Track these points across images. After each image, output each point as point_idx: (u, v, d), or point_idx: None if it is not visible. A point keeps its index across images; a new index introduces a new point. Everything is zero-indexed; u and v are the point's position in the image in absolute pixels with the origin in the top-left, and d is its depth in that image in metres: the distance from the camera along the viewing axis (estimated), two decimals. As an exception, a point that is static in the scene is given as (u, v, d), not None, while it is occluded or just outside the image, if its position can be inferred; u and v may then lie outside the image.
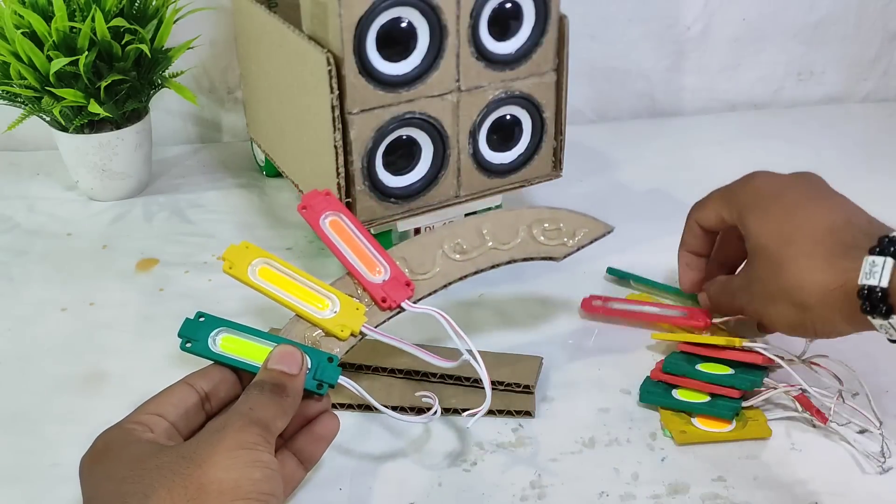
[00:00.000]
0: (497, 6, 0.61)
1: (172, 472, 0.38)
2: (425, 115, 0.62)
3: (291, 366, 0.45)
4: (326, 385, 0.47)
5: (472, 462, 0.51)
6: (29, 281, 0.70)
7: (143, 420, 0.42)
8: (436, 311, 0.51)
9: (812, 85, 1.02)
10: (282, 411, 0.43)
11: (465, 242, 0.56)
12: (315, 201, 0.55)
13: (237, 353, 0.48)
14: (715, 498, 0.48)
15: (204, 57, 0.90)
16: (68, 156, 0.80)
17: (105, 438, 0.42)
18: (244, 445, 0.39)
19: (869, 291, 0.45)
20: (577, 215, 0.58)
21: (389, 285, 0.53)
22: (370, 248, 0.54)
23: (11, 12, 0.72)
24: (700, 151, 0.91)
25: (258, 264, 0.52)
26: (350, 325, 0.51)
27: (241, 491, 0.38)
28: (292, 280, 0.52)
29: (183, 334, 0.48)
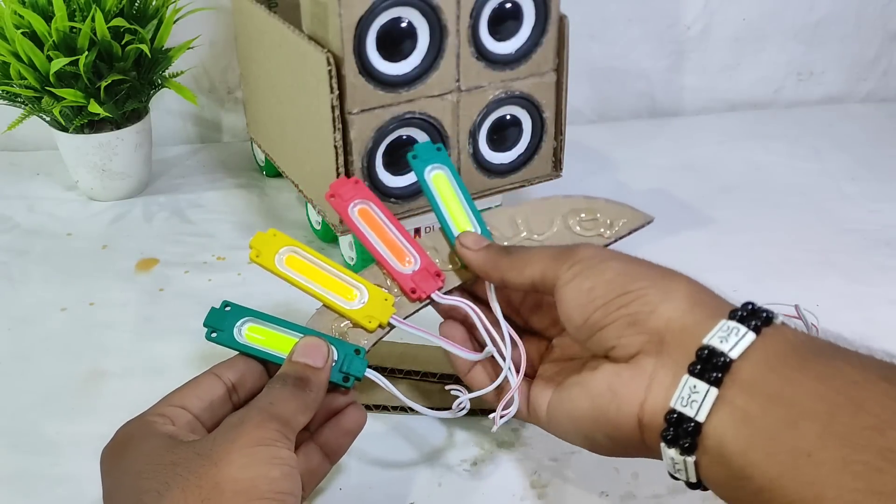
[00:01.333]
0: (497, 6, 0.61)
1: (188, 470, 0.37)
2: (425, 115, 0.62)
3: (316, 359, 0.44)
4: (353, 378, 0.46)
5: (472, 462, 0.51)
6: (29, 281, 0.70)
7: (165, 412, 0.42)
8: (465, 302, 0.50)
9: (812, 85, 1.02)
10: (304, 406, 0.42)
11: (498, 232, 0.54)
12: (343, 189, 0.53)
13: (263, 343, 0.47)
14: (715, 498, 0.48)
15: (204, 57, 0.90)
16: (68, 156, 0.80)
17: (126, 430, 0.41)
18: (262, 442, 0.38)
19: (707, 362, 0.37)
20: (614, 205, 0.55)
21: (419, 276, 0.51)
22: (400, 237, 0.53)
23: (11, 12, 0.72)
24: (700, 151, 0.91)
25: (285, 253, 0.50)
26: (378, 317, 0.49)
27: (258, 491, 0.37)
28: (320, 269, 0.51)
29: (208, 324, 0.47)
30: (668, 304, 0.39)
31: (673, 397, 0.37)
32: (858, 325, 0.61)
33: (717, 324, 0.38)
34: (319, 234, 0.73)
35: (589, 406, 0.41)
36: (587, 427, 0.42)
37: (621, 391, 0.40)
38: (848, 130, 0.96)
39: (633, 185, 0.83)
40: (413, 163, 0.54)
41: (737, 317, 0.38)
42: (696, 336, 0.38)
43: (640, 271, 0.42)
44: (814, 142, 0.92)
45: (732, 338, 0.37)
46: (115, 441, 0.41)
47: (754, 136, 0.94)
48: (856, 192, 0.82)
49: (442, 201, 0.54)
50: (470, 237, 0.51)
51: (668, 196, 0.80)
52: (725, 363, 0.36)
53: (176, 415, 0.42)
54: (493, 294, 0.50)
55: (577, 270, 0.43)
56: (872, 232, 0.74)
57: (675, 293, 0.40)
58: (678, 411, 0.37)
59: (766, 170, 0.86)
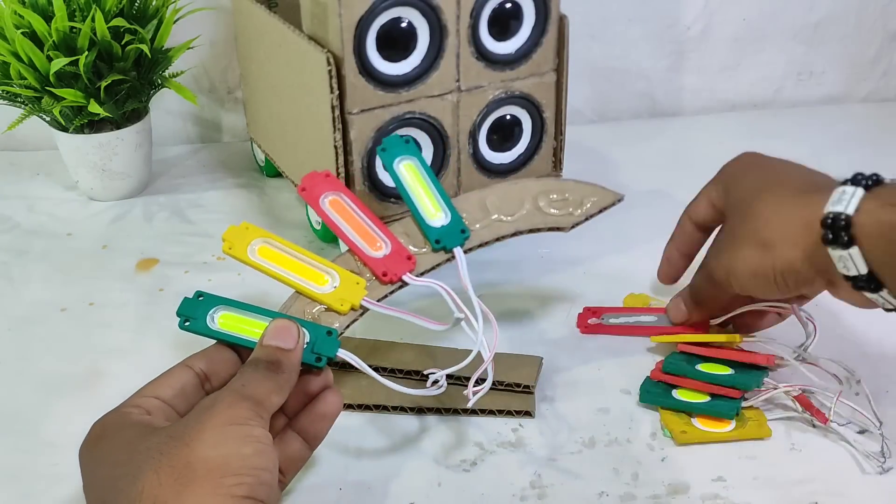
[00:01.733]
0: (497, 6, 0.61)
1: (160, 453, 0.38)
2: (425, 115, 0.62)
3: (287, 340, 0.44)
4: (325, 358, 0.46)
5: (472, 462, 0.51)
6: (29, 281, 0.70)
7: (139, 403, 0.42)
8: (437, 283, 0.51)
9: (812, 85, 1.02)
10: (277, 387, 0.43)
11: (469, 216, 0.55)
12: (314, 182, 0.55)
13: (236, 329, 0.48)
14: (715, 498, 0.48)
15: (204, 57, 0.90)
16: (68, 156, 0.80)
17: (101, 423, 0.42)
18: (234, 420, 0.39)
19: (833, 219, 0.44)
20: (583, 185, 0.57)
21: (390, 259, 0.52)
22: (370, 224, 0.54)
23: (11, 12, 0.72)
24: (700, 151, 0.91)
25: (257, 244, 0.52)
26: (350, 299, 0.50)
27: (231, 468, 0.37)
28: (292, 258, 0.52)
29: (181, 313, 0.48)
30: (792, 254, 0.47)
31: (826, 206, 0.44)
32: (859, 326, 0.61)
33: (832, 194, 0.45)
34: (319, 235, 0.73)
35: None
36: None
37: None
38: (848, 130, 0.96)
39: (633, 185, 0.83)
40: (381, 155, 0.56)
41: (846, 183, 0.45)
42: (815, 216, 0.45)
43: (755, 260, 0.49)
44: (814, 142, 0.92)
45: (845, 198, 0.44)
46: (91, 435, 0.42)
47: (754, 136, 0.94)
48: (856, 192, 0.82)
49: (410, 188, 0.56)
50: (676, 314, 0.59)
51: (668, 196, 0.80)
52: (870, 177, 0.44)
53: (150, 405, 0.42)
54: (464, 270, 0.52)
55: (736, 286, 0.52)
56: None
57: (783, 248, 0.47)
58: (832, 213, 0.44)
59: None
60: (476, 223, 0.55)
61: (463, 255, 0.53)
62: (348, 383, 0.55)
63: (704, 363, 0.54)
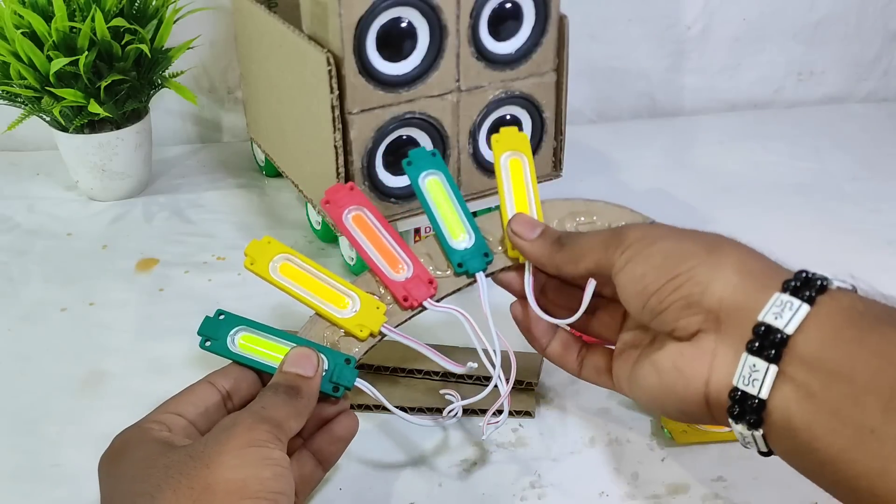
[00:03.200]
0: (497, 6, 0.61)
1: (179, 473, 0.37)
2: (425, 115, 0.62)
3: (307, 368, 0.44)
4: (343, 388, 0.47)
5: (472, 462, 0.51)
6: (29, 281, 0.70)
7: (161, 419, 0.42)
8: (458, 310, 0.50)
9: (812, 85, 1.02)
10: (296, 412, 0.43)
11: (493, 238, 0.54)
12: (338, 195, 0.53)
13: (256, 352, 0.47)
14: (715, 498, 0.48)
15: (204, 57, 0.90)
16: (68, 156, 0.80)
17: (122, 437, 0.42)
18: (253, 443, 0.39)
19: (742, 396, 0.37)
20: (613, 207, 0.55)
21: (412, 283, 0.51)
22: (393, 243, 0.53)
23: (11, 12, 0.72)
24: (700, 151, 0.91)
25: (279, 260, 0.51)
26: (369, 325, 0.49)
27: (249, 491, 0.37)
28: (313, 277, 0.51)
29: (203, 332, 0.48)
30: (719, 282, 0.40)
31: (735, 375, 0.38)
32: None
33: (771, 298, 0.38)
34: (319, 235, 0.73)
35: (658, 383, 0.42)
36: (660, 401, 0.43)
37: (686, 370, 0.41)
38: (848, 130, 0.96)
39: (633, 185, 0.83)
40: (407, 169, 0.54)
41: (790, 288, 0.38)
42: (750, 312, 0.38)
43: (687, 249, 0.42)
44: (814, 142, 0.92)
45: (787, 313, 0.37)
46: (112, 448, 0.41)
47: (754, 136, 0.94)
48: (856, 192, 0.82)
49: (436, 207, 0.54)
50: (522, 223, 0.51)
51: (668, 196, 0.80)
52: (782, 339, 0.36)
53: (172, 422, 0.42)
54: (485, 297, 0.50)
55: (628, 256, 0.44)
56: (872, 232, 0.74)
57: (724, 268, 0.40)
58: (741, 389, 0.38)
59: (766, 170, 0.86)
60: (500, 245, 0.53)
61: (485, 281, 0.52)
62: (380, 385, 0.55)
63: None
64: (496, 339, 0.49)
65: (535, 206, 0.54)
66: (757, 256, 0.42)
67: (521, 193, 0.54)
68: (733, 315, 0.39)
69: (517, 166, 0.55)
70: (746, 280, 0.39)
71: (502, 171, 0.55)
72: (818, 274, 0.38)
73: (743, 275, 0.40)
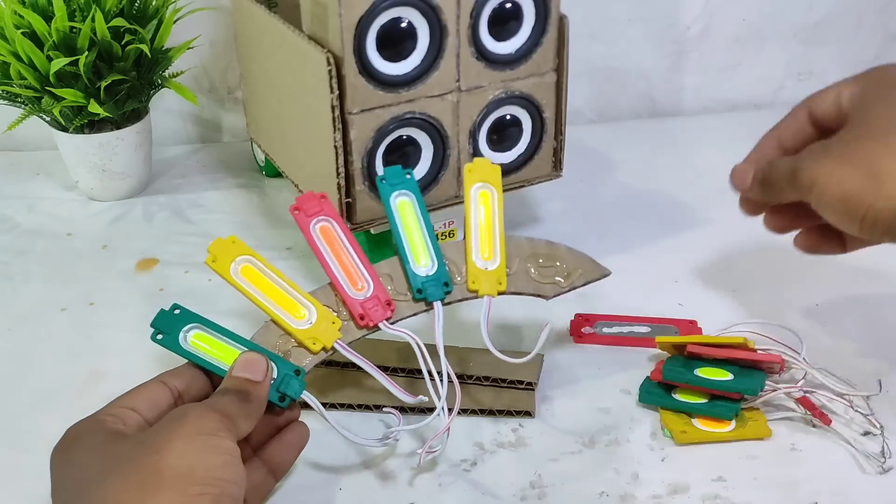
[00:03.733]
0: (497, 6, 0.61)
1: (128, 459, 0.38)
2: (425, 115, 0.62)
3: (256, 373, 0.45)
4: (289, 399, 0.47)
5: (472, 462, 0.51)
6: (29, 281, 0.70)
7: (115, 412, 0.43)
8: (411, 335, 0.51)
9: (812, 85, 1.01)
10: (245, 413, 0.43)
11: (455, 267, 0.55)
12: (308, 204, 0.54)
13: (206, 352, 0.48)
14: (715, 498, 0.48)
15: (204, 57, 0.90)
16: (68, 156, 0.80)
17: (74, 429, 0.42)
18: (203, 431, 0.39)
19: None
20: (575, 254, 0.56)
21: (370, 303, 0.52)
22: (356, 260, 0.54)
23: (11, 12, 0.72)
24: (700, 151, 0.91)
25: (241, 262, 0.51)
26: (322, 340, 0.50)
27: (197, 477, 0.37)
28: (273, 284, 0.51)
29: (155, 325, 0.48)
30: None
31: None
32: (859, 325, 0.61)
33: None
34: (319, 234, 0.73)
35: None
36: None
37: None
38: (848, 130, 0.96)
39: (632, 185, 0.83)
40: (380, 186, 0.55)
41: None
42: None
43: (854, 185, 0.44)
44: (814, 142, 0.92)
45: None
46: (64, 440, 0.42)
47: (754, 136, 0.94)
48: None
49: (404, 229, 0.55)
50: (738, 178, 0.55)
51: (668, 196, 0.80)
52: None
53: (126, 415, 0.43)
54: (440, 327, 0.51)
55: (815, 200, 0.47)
56: (872, 232, 0.74)
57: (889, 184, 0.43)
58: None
59: None
60: (459, 275, 0.54)
61: (441, 310, 0.52)
62: (349, 383, 0.55)
63: (704, 367, 0.54)
64: (444, 368, 0.50)
65: (499, 242, 0.55)
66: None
67: (488, 228, 0.55)
68: None
69: (486, 199, 0.56)
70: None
71: (471, 203, 0.56)
72: None
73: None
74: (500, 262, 0.54)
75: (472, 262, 0.54)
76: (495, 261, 0.55)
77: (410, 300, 0.53)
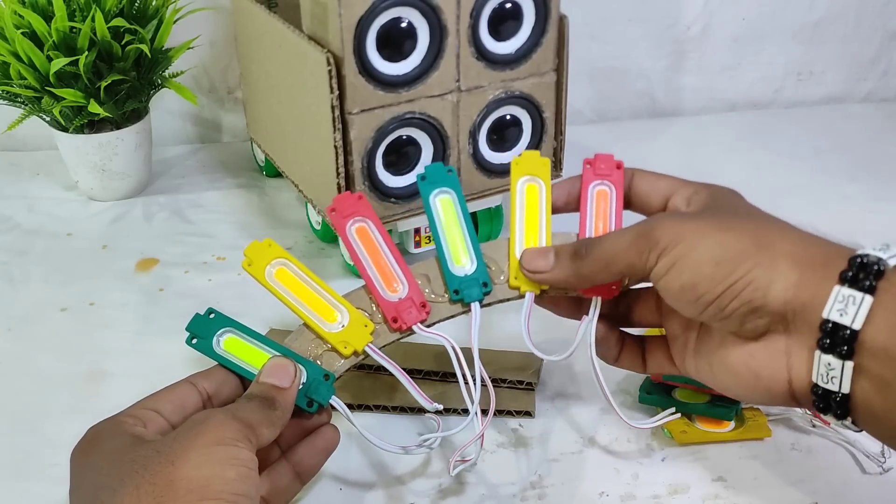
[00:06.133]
0: (497, 6, 0.61)
1: (144, 468, 0.37)
2: (425, 115, 0.62)
3: (283, 379, 0.44)
4: (317, 404, 0.46)
5: (472, 462, 0.51)
6: (29, 281, 0.70)
7: (137, 414, 0.42)
8: (446, 338, 0.49)
9: (812, 85, 1.02)
10: (269, 421, 0.42)
11: (496, 266, 0.52)
12: (345, 204, 0.52)
13: (238, 356, 0.47)
14: (715, 498, 0.48)
15: (204, 57, 0.90)
16: (68, 156, 0.80)
17: (95, 429, 0.42)
18: (221, 441, 0.39)
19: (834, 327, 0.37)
20: None
21: (404, 305, 0.50)
22: (393, 261, 0.52)
23: (11, 12, 0.72)
24: (700, 151, 0.91)
25: (276, 265, 0.51)
26: (354, 343, 0.49)
27: (211, 490, 0.37)
28: (307, 286, 0.51)
29: (191, 329, 0.48)
30: (779, 282, 0.39)
31: (813, 373, 0.38)
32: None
33: (832, 291, 0.37)
34: (319, 234, 0.73)
35: (735, 383, 0.42)
36: (742, 396, 0.43)
37: (763, 373, 0.40)
38: (848, 130, 0.96)
39: (633, 185, 0.83)
40: (421, 185, 0.53)
41: (848, 279, 0.37)
42: (815, 308, 0.38)
43: (734, 248, 0.40)
44: (814, 142, 0.92)
45: (850, 308, 0.37)
46: (85, 439, 0.42)
47: (754, 136, 0.94)
48: (856, 192, 0.82)
49: (443, 228, 0.52)
50: (532, 258, 0.49)
51: (668, 196, 0.80)
52: (852, 335, 0.36)
53: (148, 417, 0.42)
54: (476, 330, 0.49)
55: (668, 262, 0.42)
56: (872, 232, 0.74)
57: (780, 264, 0.39)
58: (822, 387, 0.38)
59: (766, 170, 0.86)
60: (502, 273, 0.52)
61: (479, 312, 0.50)
62: (350, 383, 0.55)
63: None
64: (479, 372, 0.48)
65: (544, 239, 0.52)
66: (805, 239, 0.41)
67: (534, 224, 0.52)
68: (799, 313, 0.39)
69: (533, 194, 0.53)
70: (805, 273, 0.39)
71: (517, 198, 0.53)
72: (871, 255, 0.38)
73: (800, 267, 0.39)
74: None
75: (515, 258, 0.51)
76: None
77: (447, 302, 0.51)
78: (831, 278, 0.38)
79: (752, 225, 0.42)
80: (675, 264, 0.41)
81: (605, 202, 0.52)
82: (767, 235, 0.41)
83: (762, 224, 0.42)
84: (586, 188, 0.52)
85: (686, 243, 0.41)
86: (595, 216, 0.51)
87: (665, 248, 0.42)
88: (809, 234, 0.42)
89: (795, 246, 0.40)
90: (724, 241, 0.41)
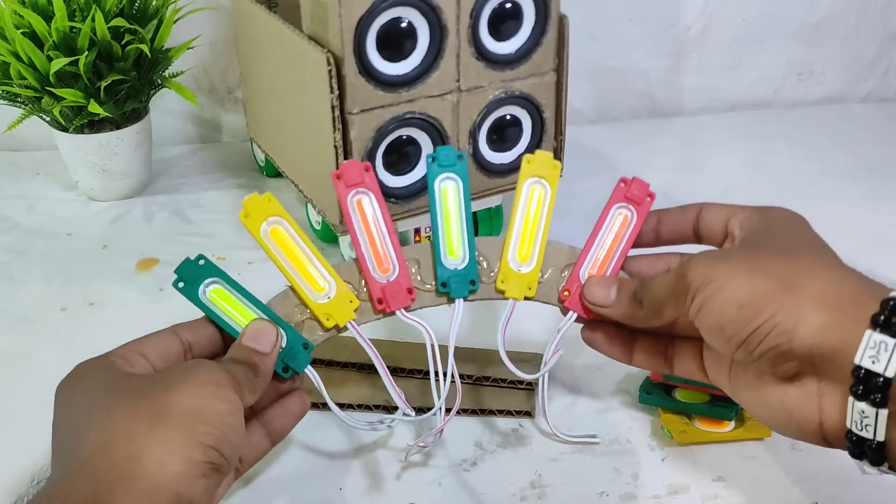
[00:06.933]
0: (497, 6, 0.61)
1: (139, 393, 0.39)
2: (425, 115, 0.62)
3: (264, 344, 0.45)
4: (292, 371, 0.47)
5: (472, 462, 0.51)
6: (29, 281, 0.70)
7: (125, 354, 0.43)
8: (426, 328, 0.49)
9: (812, 85, 1.02)
10: (251, 387, 0.43)
11: (488, 263, 0.52)
12: (351, 173, 0.51)
13: (222, 309, 0.48)
14: (715, 498, 0.48)
15: (204, 57, 0.90)
16: (68, 156, 0.80)
17: (84, 365, 0.43)
18: (214, 382, 0.40)
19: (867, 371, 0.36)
20: None
21: (391, 288, 0.50)
22: (387, 240, 0.51)
23: (11, 12, 0.72)
24: (700, 151, 0.91)
25: (273, 222, 0.50)
26: (336, 318, 0.49)
27: (203, 417, 0.38)
28: (300, 250, 0.50)
29: (179, 272, 0.48)
30: (805, 327, 0.38)
31: (847, 419, 0.37)
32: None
33: (863, 337, 0.36)
34: (319, 234, 0.73)
35: (769, 416, 0.42)
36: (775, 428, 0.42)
37: (795, 413, 0.40)
38: (848, 130, 0.96)
39: (633, 185, 0.83)
40: (429, 165, 0.52)
41: (880, 324, 0.36)
42: (846, 354, 0.37)
43: (760, 290, 0.39)
44: (814, 142, 0.92)
45: (883, 355, 0.35)
46: (73, 374, 0.42)
47: (754, 136, 0.94)
48: (856, 192, 0.82)
49: (443, 215, 0.52)
50: (596, 292, 0.49)
51: (668, 196, 0.80)
52: (885, 383, 0.35)
53: (135, 360, 0.43)
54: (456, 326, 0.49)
55: (699, 304, 0.41)
56: (872, 232, 0.74)
57: (805, 308, 0.38)
58: (856, 434, 0.37)
59: (766, 170, 0.86)
60: (492, 272, 0.52)
61: (462, 308, 0.50)
62: (350, 383, 0.55)
63: None
64: (451, 368, 0.49)
65: (539, 246, 0.52)
66: (837, 278, 0.40)
67: (533, 228, 0.52)
68: (828, 358, 0.37)
69: (538, 197, 0.53)
70: (834, 316, 0.38)
71: (521, 200, 0.53)
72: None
73: (829, 310, 0.38)
74: (535, 267, 0.52)
75: (506, 261, 0.51)
76: (531, 264, 0.52)
77: (433, 292, 0.51)
78: (862, 321, 0.36)
79: (781, 265, 0.41)
80: (704, 305, 0.41)
81: (622, 230, 0.53)
82: (796, 276, 0.40)
83: (793, 263, 0.41)
84: (610, 207, 0.53)
85: (715, 284, 0.41)
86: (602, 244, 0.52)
87: (697, 289, 0.41)
88: (843, 268, 0.41)
89: (825, 287, 0.39)
90: (750, 283, 0.40)
